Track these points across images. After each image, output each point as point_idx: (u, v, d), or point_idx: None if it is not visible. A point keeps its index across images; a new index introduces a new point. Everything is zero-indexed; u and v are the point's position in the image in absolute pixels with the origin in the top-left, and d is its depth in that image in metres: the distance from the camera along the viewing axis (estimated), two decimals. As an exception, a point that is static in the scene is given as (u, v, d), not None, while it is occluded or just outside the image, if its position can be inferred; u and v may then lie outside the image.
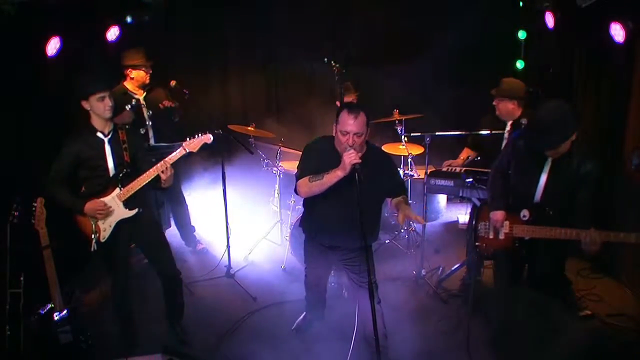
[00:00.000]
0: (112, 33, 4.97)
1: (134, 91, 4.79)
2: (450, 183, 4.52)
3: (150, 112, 4.82)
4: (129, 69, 4.74)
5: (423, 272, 4.72)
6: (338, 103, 4.99)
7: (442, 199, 6.22)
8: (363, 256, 3.01)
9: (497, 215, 3.44)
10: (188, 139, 3.57)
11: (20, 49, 4.01)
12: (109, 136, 3.51)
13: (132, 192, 3.48)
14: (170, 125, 4.92)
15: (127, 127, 3.65)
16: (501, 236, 3.44)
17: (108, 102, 3.43)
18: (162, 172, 3.43)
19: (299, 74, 6.46)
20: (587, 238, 3.04)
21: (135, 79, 4.76)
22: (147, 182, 3.47)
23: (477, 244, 3.59)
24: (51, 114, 4.37)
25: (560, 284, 3.77)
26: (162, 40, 5.09)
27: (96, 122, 3.48)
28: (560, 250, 3.27)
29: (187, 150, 3.55)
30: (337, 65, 4.89)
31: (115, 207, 3.49)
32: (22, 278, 3.39)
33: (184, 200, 5.30)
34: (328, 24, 6.28)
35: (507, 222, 3.41)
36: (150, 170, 3.45)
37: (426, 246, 4.87)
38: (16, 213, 3.39)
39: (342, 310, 3.91)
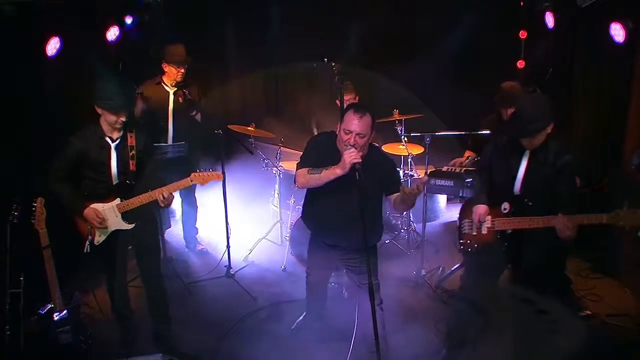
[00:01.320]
0: (112, 33, 4.98)
1: (167, 84, 4.81)
2: (450, 183, 4.53)
3: (174, 109, 4.83)
4: (164, 63, 4.75)
5: (423, 272, 4.72)
6: (338, 102, 5.00)
7: (442, 199, 6.21)
8: (364, 256, 3.00)
9: (480, 209, 3.46)
10: (198, 170, 3.52)
11: (20, 49, 4.01)
12: (117, 142, 3.44)
13: (132, 207, 3.44)
14: (190, 126, 4.91)
15: (135, 130, 3.55)
16: (484, 231, 3.46)
17: (122, 117, 3.35)
18: (162, 198, 3.38)
19: (299, 74, 6.46)
20: (558, 224, 3.08)
21: (168, 74, 4.78)
22: (146, 202, 3.42)
23: (461, 240, 3.62)
24: (51, 114, 4.37)
25: (549, 279, 3.77)
26: (161, 40, 5.09)
27: (105, 125, 3.42)
28: (546, 241, 3.31)
29: (193, 183, 3.47)
30: (337, 65, 4.89)
31: (112, 217, 3.45)
32: (22, 278, 3.38)
33: (196, 201, 5.30)
34: (328, 24, 6.28)
35: (489, 217, 3.43)
36: (151, 192, 3.39)
37: (426, 246, 4.87)
38: (16, 213, 3.39)
39: (342, 310, 3.90)
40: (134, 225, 3.50)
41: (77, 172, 3.44)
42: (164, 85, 4.80)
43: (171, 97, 4.81)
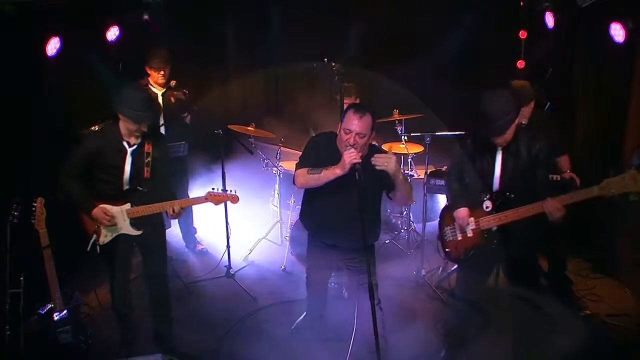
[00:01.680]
0: (112, 33, 4.98)
1: (154, 86, 4.83)
2: (451, 183, 4.51)
3: (164, 109, 4.83)
4: (146, 66, 4.78)
5: (423, 272, 4.72)
6: (338, 97, 4.99)
7: (442, 199, 6.20)
8: (364, 256, 3.00)
9: (461, 212, 3.43)
10: (213, 189, 3.54)
11: (20, 49, 4.01)
12: (134, 147, 3.41)
13: (141, 214, 3.42)
14: (183, 126, 4.94)
15: (153, 138, 3.51)
16: (469, 234, 3.43)
17: (143, 126, 3.33)
18: (172, 212, 3.39)
19: (299, 74, 6.46)
20: (548, 207, 3.08)
21: (151, 77, 4.81)
22: (156, 212, 3.42)
23: (446, 250, 3.58)
24: (51, 114, 4.37)
25: (536, 272, 3.77)
26: (161, 40, 5.10)
27: (124, 130, 3.37)
28: (531, 232, 3.32)
29: (207, 201, 3.50)
30: (337, 65, 4.89)
31: (121, 220, 3.43)
32: (22, 278, 3.39)
33: None
34: (328, 24, 6.28)
35: (471, 219, 3.40)
36: (163, 204, 3.40)
37: (426, 246, 4.87)
38: (16, 213, 3.39)
39: (342, 310, 3.90)
40: (141, 232, 3.49)
41: (88, 172, 3.41)
42: (151, 87, 4.81)
43: (160, 98, 4.83)
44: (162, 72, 4.78)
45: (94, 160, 3.37)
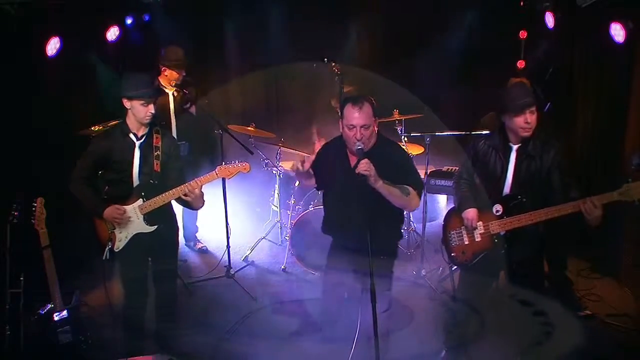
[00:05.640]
0: (112, 33, 4.98)
1: (166, 86, 4.82)
2: (450, 183, 4.51)
3: (175, 109, 4.87)
4: (163, 66, 4.77)
5: (423, 272, 4.72)
6: (333, 103, 4.99)
7: (442, 199, 6.20)
8: (382, 259, 2.94)
9: (470, 213, 3.34)
10: (223, 163, 3.43)
11: (20, 49, 4.01)
12: (142, 140, 3.34)
13: (155, 206, 3.33)
14: (190, 125, 4.95)
15: (162, 131, 3.46)
16: (477, 238, 3.35)
17: (151, 108, 3.26)
18: (187, 194, 3.26)
19: (299, 74, 6.46)
20: (587, 205, 2.95)
21: (168, 77, 4.78)
22: (171, 200, 3.33)
23: (452, 255, 3.50)
24: (51, 114, 4.37)
25: (541, 274, 3.74)
26: (161, 41, 5.10)
27: (131, 122, 3.32)
28: (540, 235, 3.30)
29: (219, 176, 3.37)
30: (337, 65, 4.89)
31: (134, 218, 3.34)
32: (22, 278, 3.39)
33: None
34: (328, 24, 6.29)
35: (480, 223, 3.33)
36: (177, 189, 3.29)
37: (426, 246, 4.87)
38: (16, 213, 3.39)
39: (342, 310, 3.89)
40: (155, 227, 3.40)
41: (97, 174, 3.38)
42: (162, 87, 4.80)
43: (170, 97, 4.83)
44: (182, 71, 4.76)
45: (102, 161, 3.32)
